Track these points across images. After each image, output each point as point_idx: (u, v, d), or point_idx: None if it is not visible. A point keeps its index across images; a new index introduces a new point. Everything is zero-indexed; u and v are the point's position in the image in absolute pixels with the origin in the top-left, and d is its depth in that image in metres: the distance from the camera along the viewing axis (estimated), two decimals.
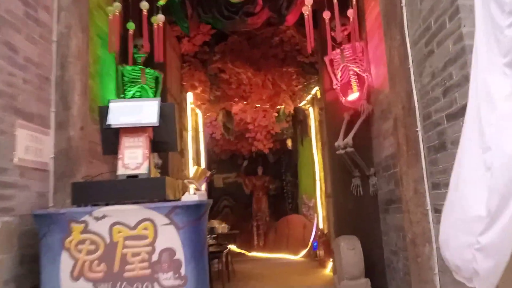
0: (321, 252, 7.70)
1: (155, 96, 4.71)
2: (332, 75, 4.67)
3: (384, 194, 4.15)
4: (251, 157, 11.76)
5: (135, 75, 4.58)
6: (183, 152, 5.68)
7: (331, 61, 4.70)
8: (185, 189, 3.44)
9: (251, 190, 11.86)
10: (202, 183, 7.11)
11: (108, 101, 2.77)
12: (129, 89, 4.55)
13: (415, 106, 3.01)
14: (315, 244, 8.61)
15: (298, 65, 6.89)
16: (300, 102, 8.26)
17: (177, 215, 2.42)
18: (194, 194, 2.74)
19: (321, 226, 8.30)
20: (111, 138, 2.75)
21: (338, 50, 4.56)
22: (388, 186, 4.00)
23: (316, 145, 8.46)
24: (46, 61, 3.09)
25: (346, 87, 4.57)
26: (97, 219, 2.38)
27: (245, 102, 7.87)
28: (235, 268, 7.35)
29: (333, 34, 4.51)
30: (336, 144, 4.30)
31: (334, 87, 4.62)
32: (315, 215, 8.87)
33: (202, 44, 6.30)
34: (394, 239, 3.90)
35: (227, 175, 13.08)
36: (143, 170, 2.64)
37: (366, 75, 4.41)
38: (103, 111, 2.74)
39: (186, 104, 7.59)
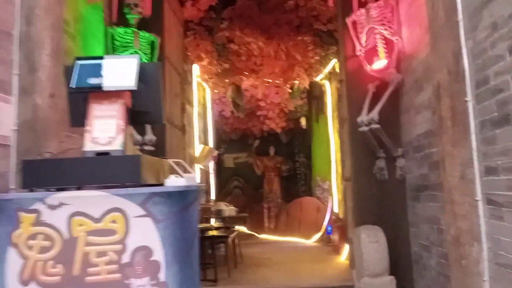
0: (335, 238, 7.16)
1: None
2: (355, 40, 4.01)
3: (414, 179, 3.53)
4: (263, 136, 11.17)
5: (127, 39, 3.99)
6: (185, 129, 5.12)
7: (354, 23, 4.04)
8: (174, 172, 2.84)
9: (263, 171, 11.33)
10: (209, 163, 6.58)
11: (75, 59, 2.20)
12: (120, 54, 3.97)
13: (464, 69, 2.36)
14: (329, 228, 8.08)
15: (315, 33, 6.20)
16: (317, 76, 7.58)
17: (156, 205, 1.85)
18: (182, 177, 2.17)
19: (336, 210, 7.74)
20: (80, 106, 2.18)
21: (363, 10, 3.89)
22: (419, 169, 3.38)
23: (333, 124, 7.82)
24: (6, 13, 2.52)
25: (372, 54, 3.91)
26: (52, 207, 1.83)
27: (256, 77, 7.22)
28: (244, 252, 6.87)
29: None
30: (358, 119, 3.67)
31: (358, 53, 3.97)
32: (330, 198, 8.31)
33: (207, 9, 5.66)
34: (425, 231, 3.30)
35: (238, 155, 12.57)
36: (116, 145, 2.06)
37: (396, 39, 3.74)
38: (69, 71, 2.17)
39: (192, 77, 7.00)
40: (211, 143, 8.37)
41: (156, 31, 4.19)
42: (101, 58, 2.24)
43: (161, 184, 2.13)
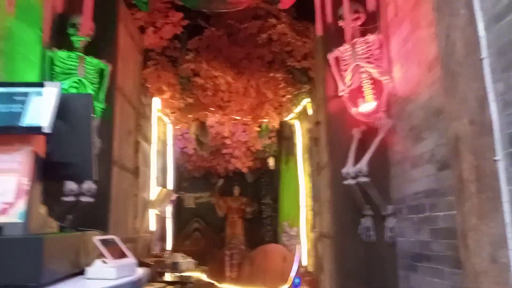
0: None
1: (97, 95, 3.45)
2: (338, 78, 3.52)
3: (409, 245, 2.97)
4: (228, 175, 10.50)
5: (70, 64, 3.32)
6: (138, 171, 4.39)
7: (337, 59, 3.56)
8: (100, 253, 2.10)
9: (226, 213, 10.57)
10: (165, 207, 5.81)
11: None
12: (61, 82, 3.27)
13: (491, 119, 1.86)
14: (297, 281, 7.36)
15: (287, 70, 5.74)
16: (287, 115, 7.10)
17: None
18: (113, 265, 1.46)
19: (304, 262, 7.08)
20: None
21: (347, 46, 3.42)
22: (417, 234, 2.83)
23: (303, 167, 7.29)
24: None
25: (357, 95, 3.43)
26: None
27: (222, 113, 6.64)
28: None
29: (341, 24, 3.39)
30: (344, 171, 3.12)
31: (340, 93, 3.47)
32: (298, 246, 7.65)
33: (171, 38, 5.09)
34: None
35: (200, 194, 11.79)
36: (13, 216, 1.36)
37: (386, 79, 3.27)
38: None
39: (151, 110, 6.31)
40: (170, 183, 7.61)
41: (108, 57, 3.55)
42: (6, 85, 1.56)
43: (80, 272, 1.43)
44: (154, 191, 6.22)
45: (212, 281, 10.09)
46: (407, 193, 2.98)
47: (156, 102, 6.53)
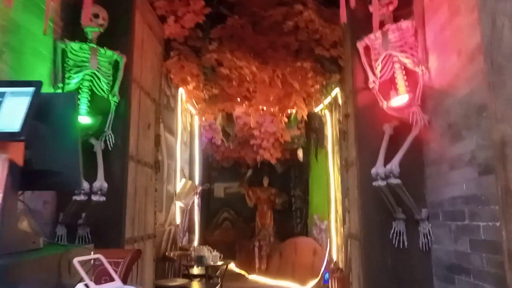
0: None
1: (111, 88, 3.31)
2: (367, 69, 3.21)
3: (446, 254, 2.67)
4: (256, 166, 10.32)
5: (82, 57, 3.18)
6: (159, 165, 4.27)
7: (367, 48, 3.25)
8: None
9: (255, 203, 10.43)
10: (190, 200, 5.70)
11: None
12: (73, 75, 3.15)
13: None
14: (327, 276, 7.14)
15: (315, 59, 5.42)
16: (316, 106, 6.79)
17: None
18: None
19: (334, 257, 6.83)
20: None
21: (378, 33, 3.10)
22: (454, 244, 2.53)
23: (333, 160, 6.99)
24: None
25: (389, 87, 3.12)
26: None
27: (248, 104, 6.43)
28: None
29: (371, 9, 3.07)
30: (373, 171, 2.83)
31: (371, 85, 3.17)
32: (328, 241, 7.40)
33: (193, 28, 4.89)
34: None
35: (229, 184, 11.73)
36: None
37: (421, 70, 2.94)
38: None
39: (176, 102, 6.19)
40: (197, 175, 7.51)
41: (123, 48, 3.39)
42: None
43: None
44: (179, 184, 6.13)
45: (241, 272, 10.06)
46: (445, 197, 2.68)
47: (181, 93, 6.41)
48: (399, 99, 3.00)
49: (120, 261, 2.68)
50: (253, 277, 9.41)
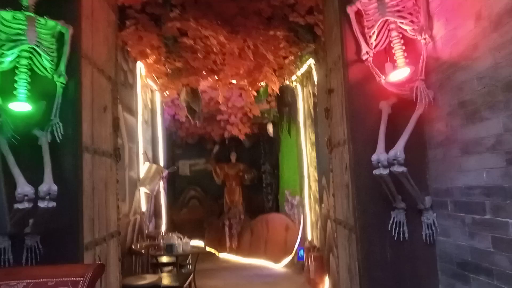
0: (311, 269, 6.00)
1: (57, 66, 2.72)
2: (360, 37, 2.80)
3: (457, 249, 2.38)
4: (223, 141, 9.86)
5: (18, 29, 2.56)
6: (119, 152, 3.72)
7: (358, 13, 2.82)
8: None
9: (223, 180, 10.04)
10: (156, 185, 5.21)
11: None
12: (6, 52, 2.53)
13: None
14: (301, 252, 6.95)
15: (289, 28, 4.94)
16: (289, 78, 6.36)
17: None
18: None
19: (309, 236, 6.61)
20: None
21: None
22: (470, 239, 2.23)
23: (305, 134, 6.66)
24: None
25: (386, 58, 2.72)
26: None
27: (215, 79, 5.89)
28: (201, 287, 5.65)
29: None
30: (374, 158, 2.46)
31: (364, 57, 2.76)
32: (301, 217, 7.17)
33: None
34: None
35: (195, 161, 11.25)
36: None
37: (424, 39, 2.56)
38: None
39: (134, 78, 5.57)
40: (161, 155, 6.97)
41: (68, 17, 2.78)
42: None
43: None
44: (142, 168, 5.60)
45: (211, 250, 9.76)
46: (455, 185, 2.36)
47: (140, 68, 5.78)
48: (400, 72, 2.62)
49: (79, 280, 2.21)
50: (224, 256, 9.14)
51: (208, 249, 9.93)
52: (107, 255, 3.32)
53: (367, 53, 2.75)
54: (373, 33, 2.71)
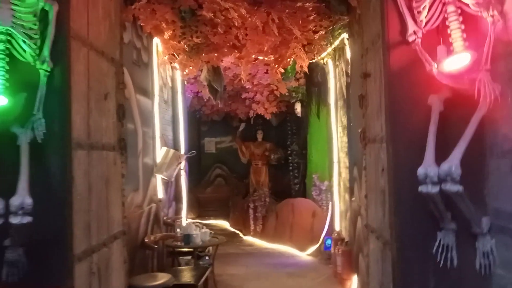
0: (338, 263, 5.57)
1: (39, 52, 2.30)
2: (405, 13, 2.22)
3: None
4: (249, 118, 9.42)
5: None
6: (125, 144, 3.35)
7: None
8: None
9: (249, 159, 9.66)
10: (174, 171, 4.85)
11: None
12: None
13: None
14: (329, 242, 6.53)
15: None
16: (319, 55, 5.76)
17: None
18: None
19: (337, 227, 6.15)
20: None
21: None
22: None
23: (336, 116, 6.10)
24: None
25: (438, 40, 2.15)
26: None
27: (237, 56, 5.38)
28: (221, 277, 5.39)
29: None
30: (421, 171, 1.95)
31: (410, 38, 2.20)
32: (330, 204, 6.71)
33: None
34: None
35: (221, 138, 10.97)
36: None
37: (492, 16, 1.96)
38: None
39: (149, 56, 5.14)
40: (181, 138, 6.60)
41: None
42: None
43: None
44: (159, 154, 5.25)
45: (236, 231, 9.51)
46: None
47: (157, 44, 5.34)
48: (457, 59, 2.04)
49: None
50: (248, 239, 8.85)
51: (232, 229, 9.72)
52: (108, 261, 3.00)
53: (415, 33, 2.18)
54: (423, 8, 2.13)
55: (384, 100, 2.45)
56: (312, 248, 7.21)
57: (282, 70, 6.28)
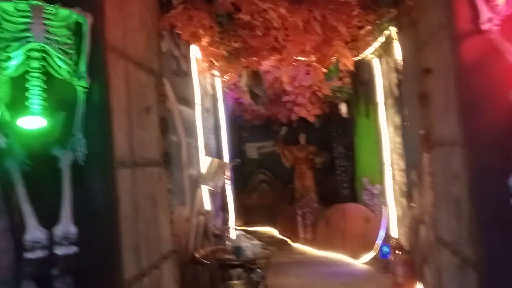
0: (398, 272, 5.17)
1: (76, 68, 2.17)
2: (479, 1, 1.91)
3: None
4: (291, 121, 9.14)
5: (22, 22, 2.04)
6: (169, 158, 3.20)
7: None
8: None
9: (292, 163, 9.38)
10: (220, 181, 4.68)
11: None
12: (10, 54, 2.03)
13: None
14: (386, 249, 6.12)
15: None
16: (364, 51, 5.43)
17: None
18: None
19: (395, 234, 5.75)
20: None
21: None
22: None
23: (386, 116, 5.73)
24: None
25: None
26: None
27: (278, 58, 5.15)
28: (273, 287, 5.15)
29: None
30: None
31: (485, 26, 1.88)
32: (384, 209, 6.31)
33: None
34: None
35: (262, 143, 10.73)
36: None
37: None
38: None
39: (188, 64, 5.01)
40: (224, 144, 6.44)
41: (86, 3, 2.22)
42: None
43: None
44: (204, 164, 5.10)
45: (284, 238, 9.25)
46: None
47: (194, 51, 5.20)
48: None
49: None
50: (298, 246, 8.56)
51: (280, 236, 9.47)
52: (160, 282, 2.84)
53: (490, 20, 1.86)
54: None
55: (456, 97, 2.13)
56: (367, 256, 6.83)
57: (325, 70, 5.99)
